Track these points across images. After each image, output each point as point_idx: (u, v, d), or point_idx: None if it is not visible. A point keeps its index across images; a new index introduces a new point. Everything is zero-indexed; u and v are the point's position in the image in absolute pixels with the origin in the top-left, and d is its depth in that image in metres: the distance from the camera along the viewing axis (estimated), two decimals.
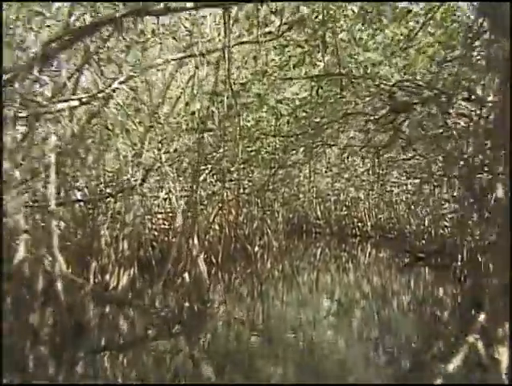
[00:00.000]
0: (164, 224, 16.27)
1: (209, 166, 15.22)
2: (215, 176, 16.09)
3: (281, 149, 15.71)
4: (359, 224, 30.77)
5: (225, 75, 10.46)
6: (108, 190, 12.46)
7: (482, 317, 6.97)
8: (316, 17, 9.13)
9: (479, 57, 9.24)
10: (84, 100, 9.65)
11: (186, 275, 10.81)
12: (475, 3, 8.85)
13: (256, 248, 20.70)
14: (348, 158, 20.59)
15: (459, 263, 12.69)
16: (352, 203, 30.88)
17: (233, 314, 11.15)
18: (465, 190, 10.87)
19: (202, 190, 15.45)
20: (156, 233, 15.65)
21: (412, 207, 22.45)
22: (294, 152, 16.64)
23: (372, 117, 10.96)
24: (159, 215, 16.35)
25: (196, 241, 11.12)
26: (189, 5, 8.40)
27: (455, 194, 15.03)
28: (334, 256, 24.17)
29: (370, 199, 29.51)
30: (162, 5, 7.86)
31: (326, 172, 27.33)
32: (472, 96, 9.10)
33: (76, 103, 9.57)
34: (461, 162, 10.42)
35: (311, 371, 7.58)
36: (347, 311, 12.13)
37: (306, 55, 10.40)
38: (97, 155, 12.70)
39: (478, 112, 8.98)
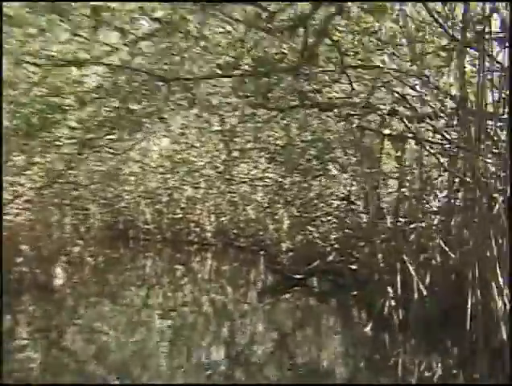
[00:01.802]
0: None
1: None
2: None
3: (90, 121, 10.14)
4: (196, 229, 26.72)
5: None
6: None
7: None
8: None
9: None
10: None
11: None
12: None
13: (58, 269, 15.24)
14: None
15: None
16: (188, 203, 26.86)
17: None
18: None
19: None
20: None
21: (269, 207, 18.07)
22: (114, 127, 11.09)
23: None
24: None
25: None
26: None
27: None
28: (166, 268, 21.30)
29: (210, 199, 25.64)
30: None
31: (156, 167, 24.03)
32: None
33: None
34: None
35: None
36: (182, 338, 10.24)
37: None
38: None
39: None
